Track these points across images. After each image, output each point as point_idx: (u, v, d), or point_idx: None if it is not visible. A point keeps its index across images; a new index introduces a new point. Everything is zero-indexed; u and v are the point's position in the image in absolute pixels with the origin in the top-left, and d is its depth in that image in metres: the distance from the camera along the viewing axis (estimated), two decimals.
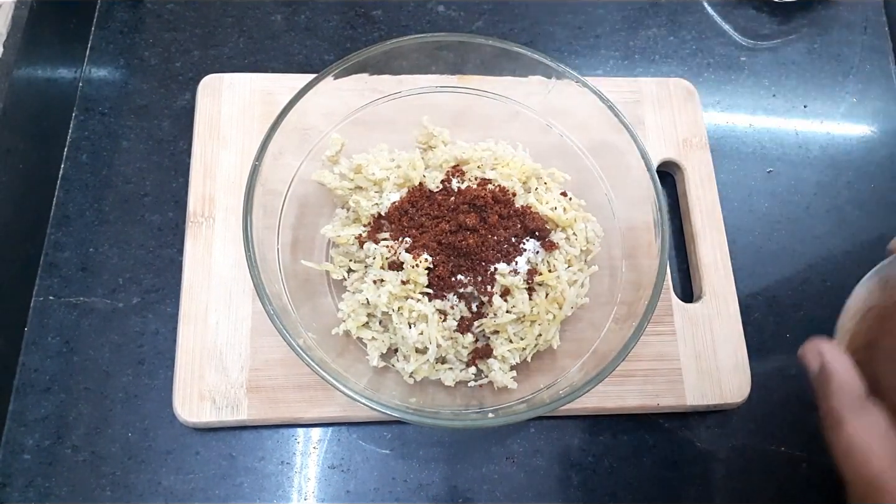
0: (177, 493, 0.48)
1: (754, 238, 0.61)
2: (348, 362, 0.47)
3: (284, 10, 0.65)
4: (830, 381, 0.34)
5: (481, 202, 0.48)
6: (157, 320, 0.53)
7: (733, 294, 0.56)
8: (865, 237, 0.62)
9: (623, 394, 0.52)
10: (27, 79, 0.52)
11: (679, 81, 0.63)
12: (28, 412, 0.49)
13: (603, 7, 0.69)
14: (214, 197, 0.54)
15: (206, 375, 0.49)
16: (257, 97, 0.58)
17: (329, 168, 0.52)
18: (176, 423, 0.49)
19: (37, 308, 0.52)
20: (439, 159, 0.52)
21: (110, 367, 0.51)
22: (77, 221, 0.55)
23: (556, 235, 0.50)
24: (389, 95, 0.52)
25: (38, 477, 0.48)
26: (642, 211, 0.48)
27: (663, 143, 0.60)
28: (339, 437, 0.51)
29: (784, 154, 0.64)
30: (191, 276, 0.52)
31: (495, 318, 0.46)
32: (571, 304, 0.49)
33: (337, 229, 0.50)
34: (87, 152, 0.57)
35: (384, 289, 0.46)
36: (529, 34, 0.67)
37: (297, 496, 0.49)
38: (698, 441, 0.53)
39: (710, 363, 0.54)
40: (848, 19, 0.70)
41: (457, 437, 0.52)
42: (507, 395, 0.47)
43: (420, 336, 0.46)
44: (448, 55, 0.51)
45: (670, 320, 0.54)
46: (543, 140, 0.54)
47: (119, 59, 0.61)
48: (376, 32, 0.65)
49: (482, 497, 0.50)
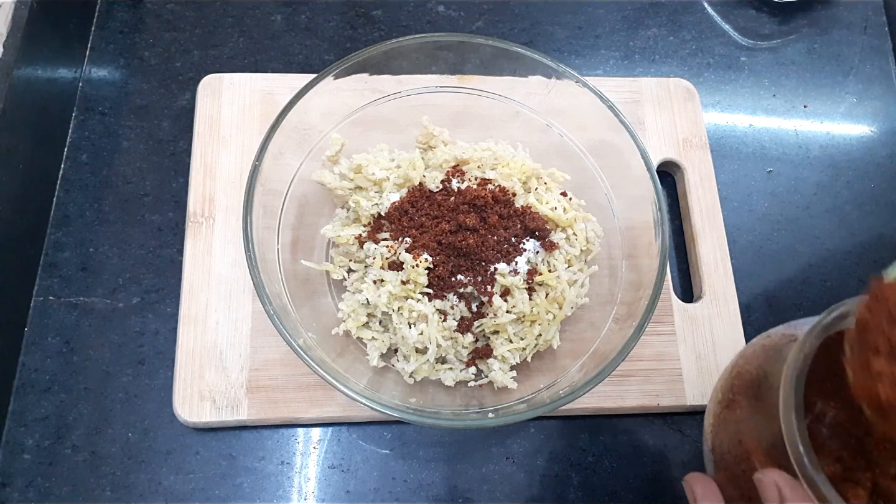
0: (177, 493, 0.48)
1: (754, 238, 0.61)
2: (348, 362, 0.47)
3: (284, 10, 0.65)
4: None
5: (481, 202, 0.48)
6: (157, 320, 0.53)
7: (733, 294, 0.56)
8: (865, 237, 0.62)
9: (623, 394, 0.52)
10: (27, 79, 0.52)
11: (679, 81, 0.63)
12: (28, 412, 0.49)
13: (603, 7, 0.69)
14: (214, 197, 0.54)
15: (206, 375, 0.49)
16: (257, 97, 0.58)
17: (329, 168, 0.52)
18: (176, 423, 0.49)
19: (37, 308, 0.52)
20: (439, 159, 0.52)
21: (110, 367, 0.51)
22: (77, 221, 0.55)
23: (556, 235, 0.50)
24: (389, 95, 0.52)
25: (38, 477, 0.48)
26: (642, 211, 0.48)
27: (663, 143, 0.60)
28: (339, 437, 0.51)
29: (784, 154, 0.64)
30: (191, 276, 0.52)
31: (495, 318, 0.46)
32: (571, 304, 0.49)
33: (337, 229, 0.50)
34: (87, 152, 0.57)
35: (384, 289, 0.46)
36: (529, 34, 0.67)
37: (297, 496, 0.49)
38: (698, 441, 0.53)
39: (710, 363, 0.54)
40: (848, 19, 0.70)
41: (457, 437, 0.52)
42: (507, 395, 0.47)
43: (420, 336, 0.46)
44: (448, 55, 0.51)
45: (670, 320, 0.54)
46: (543, 140, 0.54)
47: (119, 59, 0.61)
48: (376, 32, 0.65)
49: (482, 497, 0.50)
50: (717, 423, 0.41)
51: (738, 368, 0.41)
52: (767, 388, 0.37)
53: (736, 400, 0.39)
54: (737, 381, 0.40)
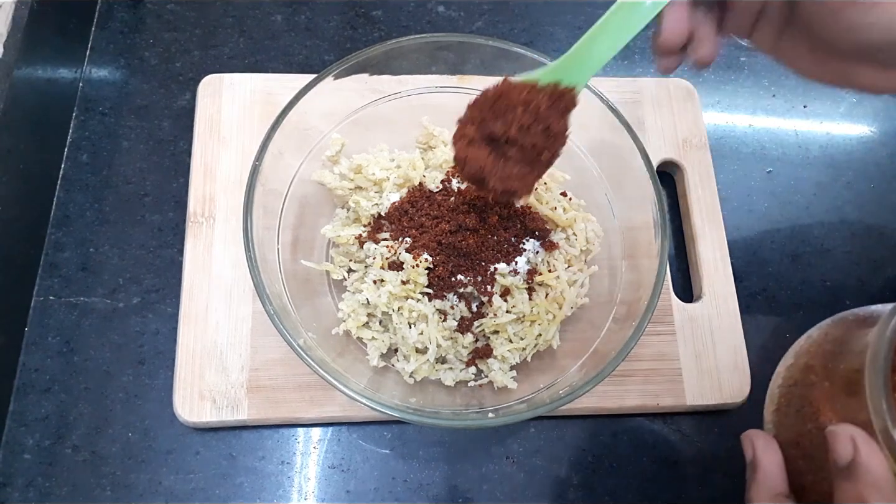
0: (177, 493, 0.48)
1: (754, 238, 0.61)
2: (348, 362, 0.47)
3: (284, 10, 0.65)
4: (755, 472, 0.37)
5: (481, 202, 0.48)
6: (157, 320, 0.53)
7: (733, 294, 0.56)
8: (865, 237, 0.62)
9: (623, 394, 0.52)
10: (27, 79, 0.52)
11: (679, 81, 0.63)
12: (28, 412, 0.49)
13: (603, 7, 0.68)
14: (214, 197, 0.54)
15: (206, 375, 0.49)
16: (257, 97, 0.58)
17: (329, 168, 0.52)
18: (176, 423, 0.49)
19: (37, 308, 0.52)
20: (439, 159, 0.52)
21: (110, 367, 0.51)
22: (77, 221, 0.55)
23: (556, 235, 0.50)
24: (389, 95, 0.52)
25: (38, 477, 0.48)
26: (642, 211, 0.48)
27: (663, 143, 0.60)
28: (339, 437, 0.51)
29: (784, 154, 0.64)
30: (191, 276, 0.52)
31: (495, 318, 0.46)
32: (571, 304, 0.49)
33: (337, 229, 0.50)
34: (87, 152, 0.57)
35: (384, 289, 0.46)
36: (529, 34, 0.67)
37: (297, 496, 0.49)
38: (698, 441, 0.53)
39: (709, 363, 0.54)
40: None
41: (457, 437, 0.52)
42: (507, 395, 0.47)
43: (420, 336, 0.46)
44: (448, 55, 0.51)
45: (670, 320, 0.54)
46: None
47: (119, 59, 0.61)
48: (376, 32, 0.65)
49: (482, 497, 0.50)
50: (785, 383, 0.41)
51: (817, 335, 0.41)
52: (848, 353, 0.37)
53: (811, 366, 0.39)
54: (814, 347, 0.40)
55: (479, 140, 0.40)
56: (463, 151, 0.41)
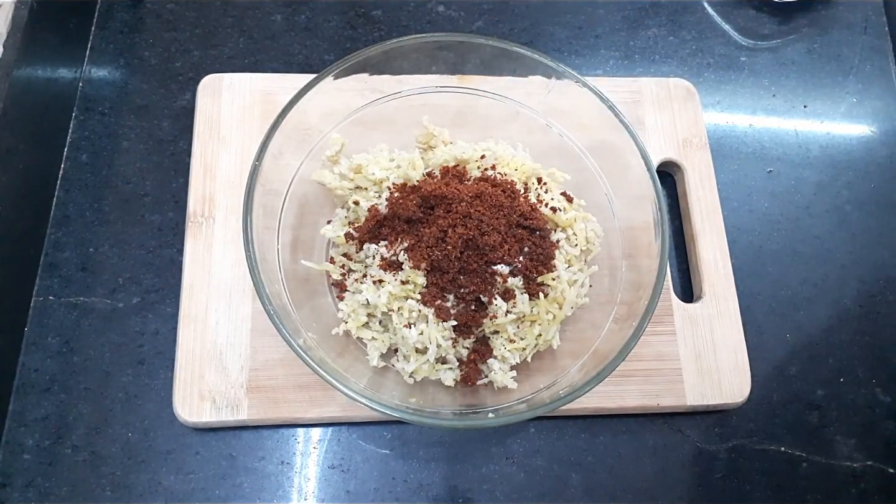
0: (177, 493, 0.48)
1: (754, 238, 0.61)
2: (348, 362, 0.47)
3: (284, 10, 0.65)
4: None
5: (481, 202, 0.48)
6: (157, 320, 0.53)
7: (733, 294, 0.56)
8: (865, 237, 0.62)
9: (623, 394, 0.52)
10: (27, 79, 0.52)
11: (679, 81, 0.63)
12: (28, 412, 0.49)
13: (603, 7, 0.69)
14: (214, 197, 0.54)
15: (206, 375, 0.49)
16: (257, 97, 0.58)
17: (329, 168, 0.52)
18: (176, 423, 0.49)
19: (37, 308, 0.52)
20: (439, 159, 0.52)
21: (110, 367, 0.51)
22: (77, 221, 0.55)
23: (556, 235, 0.50)
24: (389, 95, 0.52)
25: (38, 477, 0.48)
26: (642, 211, 0.48)
27: (663, 143, 0.60)
28: (339, 437, 0.51)
29: (784, 154, 0.64)
30: (191, 276, 0.52)
31: (495, 319, 0.46)
32: (571, 304, 0.49)
33: (337, 229, 0.50)
34: (87, 152, 0.57)
35: (384, 289, 0.46)
36: (529, 34, 0.67)
37: (297, 496, 0.49)
38: (698, 441, 0.53)
39: (710, 363, 0.54)
40: (848, 19, 0.70)
41: (457, 437, 0.52)
42: (507, 395, 0.47)
43: (420, 336, 0.46)
44: (448, 55, 0.51)
45: (670, 320, 0.54)
46: (543, 140, 0.54)
47: (119, 59, 0.61)
48: (376, 32, 0.65)
49: (482, 497, 0.50)
50: None
51: None
52: None
53: None
54: None
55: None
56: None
